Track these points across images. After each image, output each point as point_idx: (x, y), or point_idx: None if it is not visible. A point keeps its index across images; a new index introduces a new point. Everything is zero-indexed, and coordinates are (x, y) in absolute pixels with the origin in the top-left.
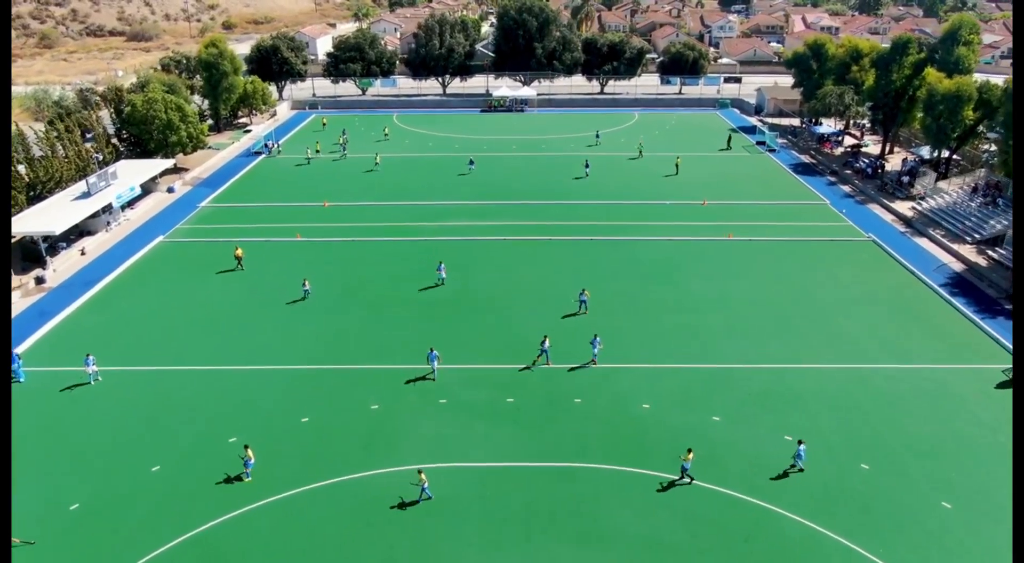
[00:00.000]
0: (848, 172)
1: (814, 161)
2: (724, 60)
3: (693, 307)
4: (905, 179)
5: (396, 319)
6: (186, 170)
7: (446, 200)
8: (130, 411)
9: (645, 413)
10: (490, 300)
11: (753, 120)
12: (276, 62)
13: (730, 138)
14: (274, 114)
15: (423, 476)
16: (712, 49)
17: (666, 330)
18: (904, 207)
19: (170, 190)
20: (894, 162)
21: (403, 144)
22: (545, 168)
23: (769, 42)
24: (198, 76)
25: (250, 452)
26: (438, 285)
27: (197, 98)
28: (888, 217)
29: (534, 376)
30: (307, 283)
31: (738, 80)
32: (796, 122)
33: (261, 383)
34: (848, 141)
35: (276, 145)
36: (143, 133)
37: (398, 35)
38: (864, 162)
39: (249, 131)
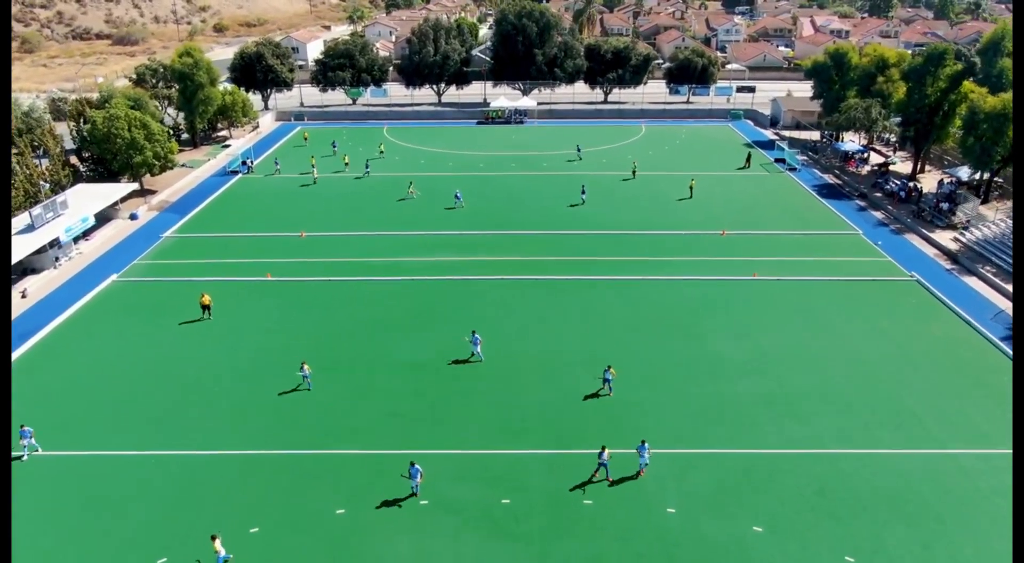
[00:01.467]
0: (878, 195)
1: (839, 182)
2: (732, 66)
3: (721, 370)
4: (945, 205)
5: (372, 387)
6: (153, 192)
7: (437, 230)
8: (39, 516)
9: (671, 521)
10: (486, 361)
11: (768, 133)
12: (260, 70)
13: (749, 156)
14: (256, 127)
15: None
16: (719, 53)
17: (692, 403)
18: (946, 238)
19: (133, 217)
20: (927, 183)
21: (393, 161)
22: (548, 190)
23: (777, 46)
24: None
25: (218, 544)
26: (474, 360)
27: (172, 111)
28: (930, 250)
29: (534, 466)
30: (306, 367)
31: (751, 90)
32: (815, 136)
33: (208, 474)
34: (875, 159)
35: (274, 164)
36: (105, 152)
37: (393, 38)
38: (895, 184)
39: (228, 146)
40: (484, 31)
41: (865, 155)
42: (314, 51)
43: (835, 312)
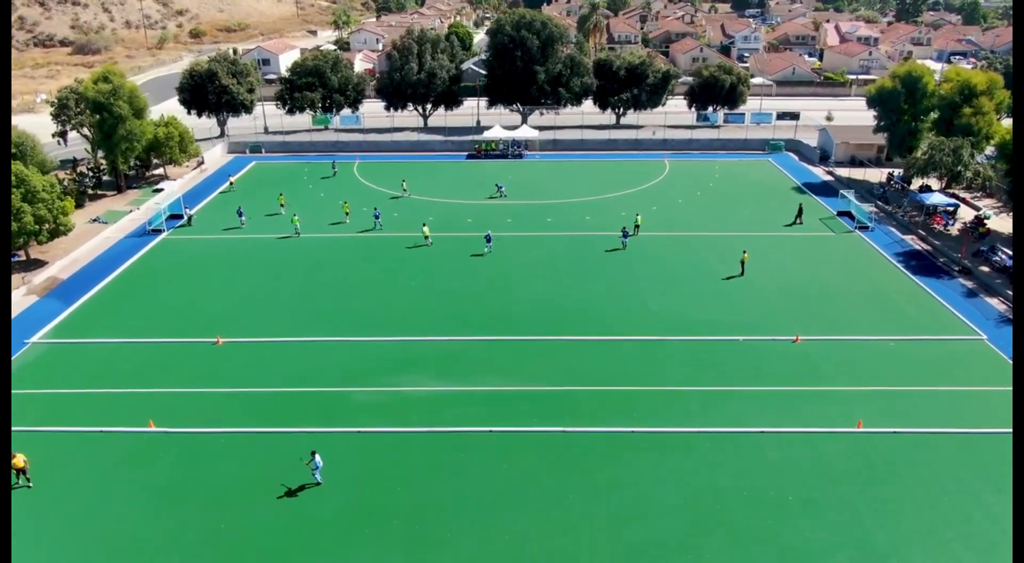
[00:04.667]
0: (985, 269)
1: (927, 247)
2: (757, 79)
3: None
4: None
5: None
6: (43, 265)
7: (403, 334)
8: None
9: None
10: None
11: (819, 172)
12: (213, 91)
13: (801, 209)
14: (201, 163)
15: None
16: (739, 64)
17: None
18: None
19: None
20: None
21: (360, 214)
22: (549, 261)
23: (800, 54)
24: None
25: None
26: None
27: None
28: None
29: None
30: None
31: (795, 117)
32: (877, 173)
33: None
34: (962, 211)
35: (238, 217)
36: None
37: (380, 46)
38: (1005, 255)
39: (160, 190)
40: (480, 36)
41: (952, 209)
42: (288, 63)
43: (996, 502)
